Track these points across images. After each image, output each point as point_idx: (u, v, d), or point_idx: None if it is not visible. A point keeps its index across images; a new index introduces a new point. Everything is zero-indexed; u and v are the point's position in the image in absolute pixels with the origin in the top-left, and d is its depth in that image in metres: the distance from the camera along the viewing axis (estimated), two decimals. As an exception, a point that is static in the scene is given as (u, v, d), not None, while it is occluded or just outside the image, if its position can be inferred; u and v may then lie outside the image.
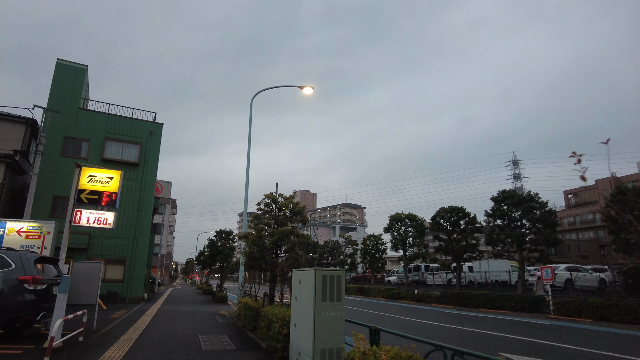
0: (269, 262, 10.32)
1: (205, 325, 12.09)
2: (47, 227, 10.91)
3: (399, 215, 29.91)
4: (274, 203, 11.21)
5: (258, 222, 10.97)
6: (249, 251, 10.65)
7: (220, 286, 24.64)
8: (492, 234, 21.69)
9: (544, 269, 18.97)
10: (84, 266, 10.36)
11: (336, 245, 44.75)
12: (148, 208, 22.27)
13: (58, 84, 21.73)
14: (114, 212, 11.24)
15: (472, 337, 11.39)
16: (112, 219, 11.11)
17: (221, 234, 25.73)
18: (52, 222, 11.11)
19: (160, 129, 23.83)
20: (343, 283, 6.10)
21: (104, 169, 11.29)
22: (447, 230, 25.26)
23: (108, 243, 20.83)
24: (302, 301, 6.26)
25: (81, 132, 21.60)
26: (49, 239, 10.80)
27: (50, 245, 10.75)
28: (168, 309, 17.25)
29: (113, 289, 20.31)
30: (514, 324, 15.29)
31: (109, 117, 22.61)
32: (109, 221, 11.08)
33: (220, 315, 15.51)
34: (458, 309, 21.81)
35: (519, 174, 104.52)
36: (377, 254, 35.36)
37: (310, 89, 19.15)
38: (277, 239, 10.19)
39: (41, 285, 8.22)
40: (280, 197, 11.39)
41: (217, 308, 18.79)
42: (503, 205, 21.48)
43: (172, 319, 13.49)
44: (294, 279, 6.89)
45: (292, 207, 11.00)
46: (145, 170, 22.57)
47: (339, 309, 5.94)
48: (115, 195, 10.96)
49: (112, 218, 11.13)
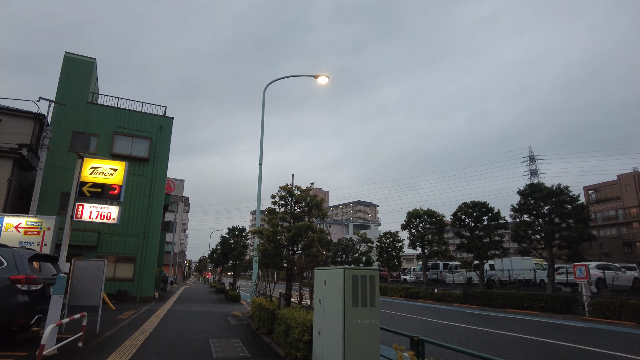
0: (285, 260, 9.41)
1: (216, 328, 11.26)
2: (47, 222, 10.18)
3: (417, 211, 28.75)
4: (290, 196, 10.29)
5: (273, 217, 10.07)
6: (264, 248, 9.74)
7: (233, 285, 23.90)
8: (519, 229, 20.42)
9: (577, 267, 17.69)
10: (87, 264, 9.59)
11: (350, 243, 43.74)
12: (158, 205, 21.61)
13: (66, 77, 21.17)
14: (119, 206, 10.46)
15: (507, 342, 10.32)
16: (116, 214, 10.33)
17: (234, 230, 24.99)
18: (52, 218, 10.37)
19: (170, 123, 23.14)
20: (377, 284, 5.15)
21: (108, 160, 10.51)
22: (470, 226, 24.04)
23: (118, 241, 20.21)
24: (328, 305, 5.32)
25: (90, 127, 21.02)
26: (49, 235, 10.06)
27: (50, 242, 10.02)
28: (179, 309, 16.52)
29: (123, 288, 19.69)
30: (549, 326, 14.13)
31: (118, 111, 21.99)
32: (112, 216, 10.29)
33: (232, 316, 14.70)
34: (482, 309, 20.67)
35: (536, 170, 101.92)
36: (393, 252, 34.25)
37: (325, 78, 18.25)
38: (294, 235, 9.28)
39: (36, 286, 7.44)
40: (297, 190, 10.47)
41: (229, 308, 18.01)
42: (530, 200, 20.19)
43: (182, 320, 12.71)
44: (317, 279, 5.96)
45: (310, 200, 10.07)
46: (156, 166, 21.90)
47: (372, 315, 4.98)
48: (120, 187, 10.16)
49: (116, 212, 10.34)
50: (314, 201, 10.05)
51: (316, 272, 6.01)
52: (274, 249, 9.54)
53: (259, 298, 13.24)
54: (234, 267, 25.03)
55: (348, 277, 4.94)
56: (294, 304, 9.02)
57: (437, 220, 28.14)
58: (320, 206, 10.10)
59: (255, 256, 15.95)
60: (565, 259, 20.49)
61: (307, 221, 9.78)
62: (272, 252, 9.61)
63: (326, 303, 5.39)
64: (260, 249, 9.86)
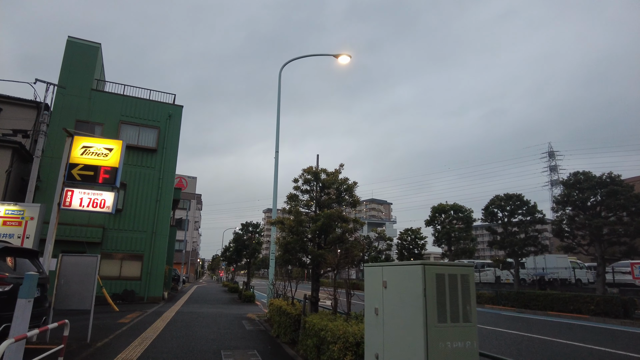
0: (311, 256, 7.76)
1: (230, 335, 9.66)
2: (30, 211, 8.69)
3: (443, 206, 26.78)
4: (316, 179, 8.60)
5: (296, 204, 8.40)
6: (285, 242, 8.08)
7: (247, 284, 22.37)
8: (561, 224, 18.39)
9: (635, 265, 15.64)
10: (77, 261, 8.07)
11: (367, 241, 41.91)
12: (167, 198, 20.17)
13: (69, 63, 19.86)
14: (114, 193, 8.91)
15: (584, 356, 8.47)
16: (111, 201, 8.79)
17: (247, 226, 23.46)
18: (36, 206, 8.87)
19: (180, 111, 21.68)
20: (473, 288, 3.41)
21: (102, 138, 8.98)
22: (503, 221, 22.04)
23: (124, 237, 18.82)
24: (393, 318, 3.61)
25: (94, 115, 19.67)
26: (32, 226, 8.57)
27: (34, 234, 8.53)
28: (188, 311, 15.00)
29: (130, 288, 18.30)
30: (613, 334, 12.18)
31: (124, 98, 20.60)
32: (107, 203, 8.76)
33: (247, 319, 13.11)
34: (518, 310, 18.73)
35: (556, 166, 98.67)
36: (415, 250, 32.33)
37: (347, 57, 16.61)
38: (322, 225, 7.60)
39: (3, 287, 5.91)
40: (323, 173, 8.78)
41: (244, 309, 16.45)
42: (575, 191, 18.13)
43: (191, 325, 11.14)
44: (369, 278, 4.26)
45: (340, 184, 8.36)
46: (164, 157, 20.45)
47: (469, 335, 3.26)
48: (116, 170, 8.62)
49: (111, 200, 8.80)
50: (345, 185, 8.34)
51: (369, 270, 4.29)
52: (298, 242, 7.87)
53: (277, 300, 11.60)
54: (248, 266, 23.50)
55: (430, 278, 3.22)
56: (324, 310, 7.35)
57: (464, 215, 26.14)
58: (352, 191, 8.39)
59: (272, 252, 14.34)
60: (619, 257, 18.37)
61: (337, 209, 8.07)
62: (295, 246, 7.94)
63: (389, 315, 3.68)
64: (281, 242, 8.19)
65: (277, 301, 11.32)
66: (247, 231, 23.68)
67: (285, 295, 11.95)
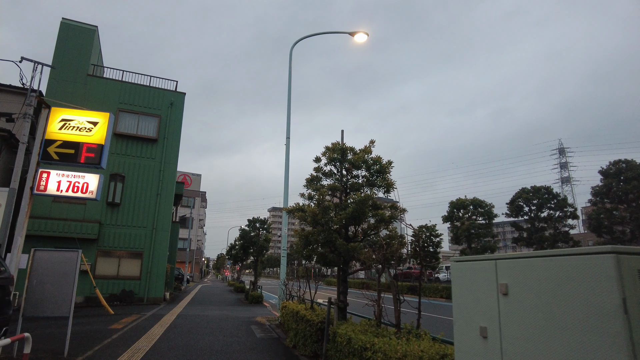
0: (341, 250, 6.25)
1: (238, 345, 8.17)
2: (-3, 196, 7.25)
3: (462, 201, 25.12)
4: (341, 158, 7.07)
5: (320, 187, 6.86)
6: (307, 233, 6.56)
7: (255, 284, 20.90)
8: (599, 217, 16.72)
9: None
10: (52, 257, 6.62)
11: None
12: (169, 192, 18.74)
13: (63, 47, 18.50)
14: (99, 175, 7.44)
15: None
16: (95, 185, 7.32)
17: (254, 222, 21.99)
18: (4, 190, 7.43)
19: (182, 99, 20.25)
20: None
21: (85, 110, 7.51)
22: (530, 216, 20.40)
23: (122, 233, 17.41)
24: (528, 350, 2.06)
25: (90, 103, 18.20)
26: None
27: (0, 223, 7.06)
28: (191, 314, 13.54)
29: (128, 288, 16.89)
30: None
31: (122, 85, 19.20)
32: (91, 188, 7.29)
33: (257, 323, 11.63)
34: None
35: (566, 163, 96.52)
36: (430, 248, 30.68)
37: (364, 35, 15.13)
38: (353, 213, 6.09)
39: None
40: (350, 152, 7.26)
41: (252, 312, 14.98)
42: (614, 181, 16.44)
43: (193, 332, 9.67)
44: (462, 279, 2.72)
45: (371, 163, 6.83)
46: (166, 147, 19.03)
47: None
48: (101, 148, 7.15)
49: (95, 183, 7.34)
50: (378, 164, 6.81)
51: (459, 267, 2.75)
52: (322, 234, 6.35)
53: (292, 303, 10.11)
54: (255, 264, 22.04)
55: (630, 277, 1.68)
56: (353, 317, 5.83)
57: (485, 210, 24.49)
58: (386, 172, 6.85)
59: (283, 248, 12.85)
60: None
61: (368, 194, 6.53)
62: (319, 238, 6.42)
63: (519, 343, 2.14)
64: (302, 234, 6.66)
65: (291, 304, 9.82)
66: (254, 227, 22.20)
67: (301, 297, 10.46)
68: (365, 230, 6.54)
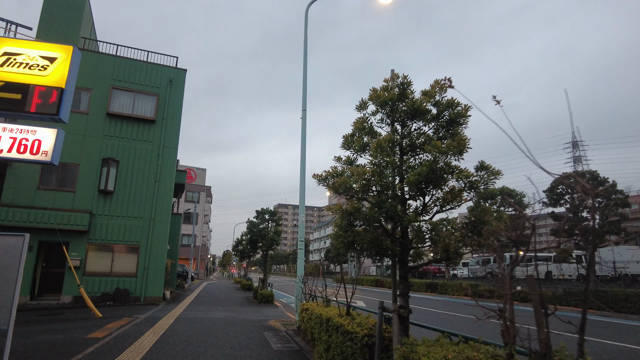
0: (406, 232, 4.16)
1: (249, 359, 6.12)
2: None
3: (490, 190, 22.92)
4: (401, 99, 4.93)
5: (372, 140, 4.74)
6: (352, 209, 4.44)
7: (264, 281, 18.90)
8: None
9: None
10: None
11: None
12: (168, 178, 16.74)
13: (48, 17, 16.57)
14: (57, 130, 5.39)
15: None
16: (50, 143, 5.27)
17: (263, 214, 19.95)
18: None
19: (183, 76, 18.24)
20: None
21: (37, 42, 5.46)
22: (574, 204, 18.15)
23: (116, 224, 15.44)
24: None
25: (80, 79, 15.93)
26: None
27: None
28: (192, 317, 11.51)
29: (123, 286, 14.93)
30: None
31: (116, 60, 17.21)
32: (43, 147, 5.23)
33: (271, 329, 9.59)
34: (601, 314, 14.96)
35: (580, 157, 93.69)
36: (452, 242, 28.45)
37: (390, -7, 12.94)
38: (428, 173, 4.01)
39: None
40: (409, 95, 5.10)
41: (263, 313, 12.94)
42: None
43: (192, 342, 7.64)
44: None
45: (444, 107, 4.71)
46: (165, 129, 17.02)
47: None
48: (61, 92, 5.11)
49: (51, 141, 5.28)
50: (453, 109, 4.69)
51: None
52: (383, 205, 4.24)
53: (317, 305, 8.05)
54: (264, 259, 20.04)
55: None
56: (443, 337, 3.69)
57: (516, 200, 22.25)
58: (462, 123, 4.73)
59: (300, 239, 10.80)
60: None
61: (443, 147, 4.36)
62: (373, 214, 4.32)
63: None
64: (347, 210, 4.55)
65: (315, 307, 7.77)
66: (262, 219, 20.16)
67: (327, 298, 8.40)
68: (441, 201, 4.43)
